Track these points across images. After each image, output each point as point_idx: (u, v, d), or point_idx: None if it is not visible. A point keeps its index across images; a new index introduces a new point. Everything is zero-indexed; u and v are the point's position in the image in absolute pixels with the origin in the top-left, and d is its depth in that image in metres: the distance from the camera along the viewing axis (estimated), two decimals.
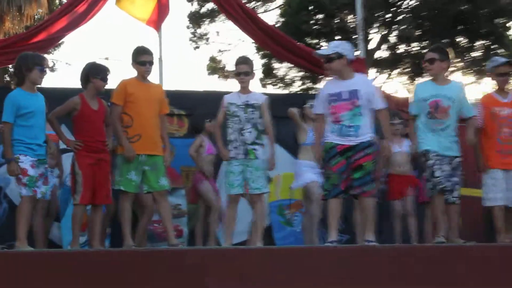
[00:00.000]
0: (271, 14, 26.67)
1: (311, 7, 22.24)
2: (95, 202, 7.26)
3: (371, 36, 22.73)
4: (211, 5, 24.79)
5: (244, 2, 19.55)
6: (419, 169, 8.54)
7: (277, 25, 22.74)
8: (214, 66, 27.01)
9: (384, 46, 23.71)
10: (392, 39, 23.49)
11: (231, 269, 5.70)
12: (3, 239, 7.46)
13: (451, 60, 7.64)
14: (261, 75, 24.37)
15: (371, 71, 22.12)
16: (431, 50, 7.73)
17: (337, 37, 22.10)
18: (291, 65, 22.25)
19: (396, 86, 25.36)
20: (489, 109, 7.90)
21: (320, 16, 22.49)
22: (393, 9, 22.45)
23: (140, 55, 7.43)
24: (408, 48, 23.05)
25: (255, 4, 25.64)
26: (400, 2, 22.90)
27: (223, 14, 16.66)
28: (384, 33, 23.23)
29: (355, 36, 13.75)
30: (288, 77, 25.83)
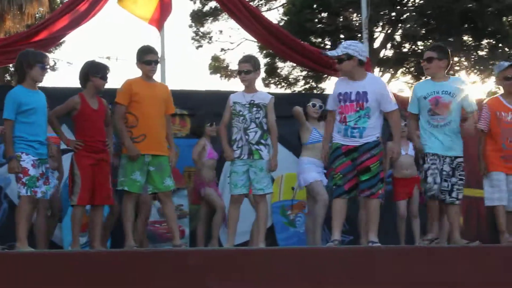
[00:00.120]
0: (274, 13, 26.74)
1: (315, 5, 22.24)
2: (95, 202, 7.25)
3: (376, 34, 22.77)
4: (213, 4, 24.81)
5: (247, 0, 19.56)
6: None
7: (280, 24, 22.76)
8: (217, 65, 27.03)
9: (389, 45, 23.72)
10: (397, 37, 23.51)
11: (233, 270, 5.72)
12: (4, 239, 7.47)
13: (450, 58, 7.61)
14: (264, 75, 24.39)
15: (376, 70, 22.11)
16: (429, 49, 7.77)
17: (341, 35, 22.17)
18: (294, 64, 22.29)
19: (401, 85, 25.40)
20: (494, 113, 7.90)
21: (325, 14, 22.49)
22: (398, 7, 22.42)
23: (145, 54, 7.42)
24: (414, 46, 23.04)
25: (258, 2, 25.65)
26: (406, 0, 22.91)
27: (226, 13, 16.68)
28: (389, 31, 23.24)
29: (359, 35, 13.77)
30: (291, 76, 25.86)
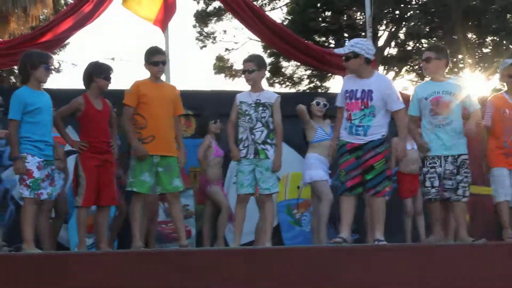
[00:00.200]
0: (278, 12, 26.73)
1: (319, 4, 22.24)
2: (100, 203, 7.26)
3: (380, 33, 22.75)
4: (217, 4, 24.82)
5: (251, 0, 19.58)
6: None
7: (284, 23, 22.76)
8: (221, 65, 27.05)
9: (393, 43, 23.71)
10: (401, 35, 23.50)
11: (240, 270, 5.73)
12: (11, 241, 7.50)
13: (449, 57, 7.61)
14: (268, 74, 24.39)
15: (380, 68, 22.09)
16: (427, 49, 7.81)
17: (345, 34, 22.17)
18: (298, 63, 22.30)
19: (405, 83, 25.38)
20: (498, 110, 7.91)
21: (328, 13, 22.49)
22: (402, 5, 22.42)
23: (153, 55, 7.42)
24: (418, 44, 23.03)
25: (262, 2, 25.65)
26: None
27: (230, 13, 16.69)
28: (393, 29, 23.23)
29: (363, 33, 13.76)
30: (296, 75, 25.87)
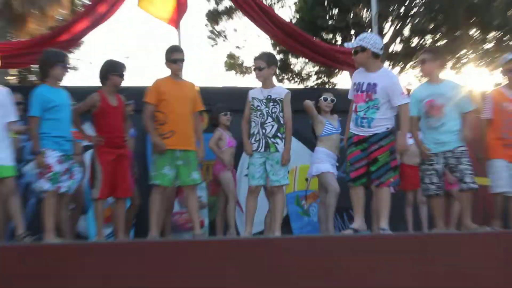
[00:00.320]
0: (287, 10, 26.73)
1: (326, 2, 22.20)
2: (117, 195, 7.34)
3: (385, 30, 22.68)
4: (228, 3, 24.84)
5: None
6: None
7: (293, 21, 22.75)
8: (232, 62, 27.05)
9: (398, 40, 23.66)
10: (406, 32, 23.45)
11: (251, 258, 5.76)
12: (33, 231, 7.58)
13: (443, 58, 7.66)
14: (277, 71, 24.35)
15: (386, 64, 22.08)
16: (423, 51, 7.80)
17: (352, 31, 22.15)
18: (306, 60, 22.29)
19: (410, 78, 25.32)
20: (498, 103, 7.96)
21: (335, 11, 22.44)
22: (407, 3, 22.37)
23: (172, 53, 7.48)
24: (422, 41, 22.98)
25: (271, 0, 25.63)
26: None
27: (240, 11, 16.71)
28: (398, 26, 23.19)
29: (369, 30, 13.78)
30: (304, 72, 25.84)
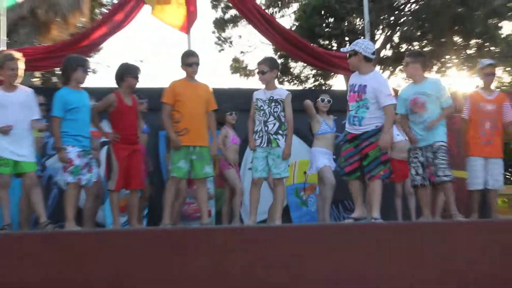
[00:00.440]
0: (287, 19, 26.71)
1: (323, 12, 22.18)
2: (131, 187, 7.33)
3: (377, 37, 22.68)
4: (234, 12, 24.82)
5: (263, 8, 19.55)
6: None
7: (292, 28, 22.73)
8: (237, 66, 27.06)
9: (389, 46, 23.65)
10: (396, 39, 23.44)
11: (254, 244, 5.75)
12: (55, 220, 7.57)
13: (424, 60, 7.63)
14: (278, 73, 24.32)
15: (377, 68, 22.05)
16: (405, 56, 7.80)
17: (346, 38, 22.14)
18: (305, 64, 22.27)
19: (399, 81, 25.32)
20: (475, 104, 8.03)
21: (331, 19, 22.42)
22: (396, 12, 22.38)
23: (188, 57, 7.46)
24: (410, 47, 22.96)
25: (273, 10, 25.62)
26: (403, 6, 22.84)
27: (245, 20, 16.69)
28: (388, 34, 23.17)
29: (362, 37, 13.75)
30: (302, 74, 25.84)
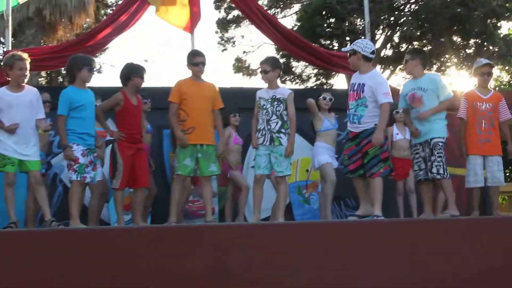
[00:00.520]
0: (289, 19, 26.68)
1: (324, 12, 22.16)
2: (135, 185, 7.30)
3: (377, 36, 22.66)
4: (236, 12, 24.80)
5: (265, 9, 19.51)
6: None
7: (294, 28, 22.71)
8: (240, 65, 27.06)
9: (389, 45, 23.62)
10: (396, 39, 23.40)
11: (257, 242, 5.74)
12: (60, 217, 7.56)
13: (423, 57, 7.59)
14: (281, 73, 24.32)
15: (378, 67, 22.04)
16: (406, 53, 7.78)
17: (347, 38, 22.11)
18: (306, 63, 22.24)
19: (399, 80, 25.32)
20: (471, 103, 8.02)
21: (332, 19, 22.39)
22: (396, 12, 22.33)
23: (194, 57, 7.43)
24: (410, 46, 22.94)
25: (275, 10, 25.61)
26: (403, 7, 22.81)
27: (247, 20, 16.66)
28: (388, 33, 23.14)
29: (363, 37, 13.71)
30: (304, 74, 25.82)
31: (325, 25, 22.20)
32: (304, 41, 10.91)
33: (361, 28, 21.23)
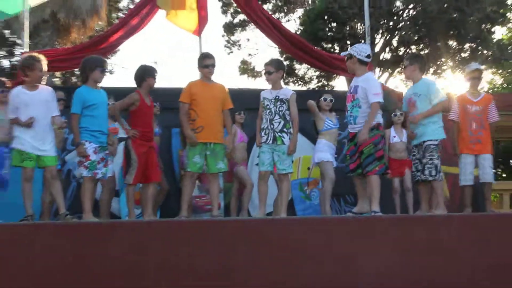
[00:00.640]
0: (292, 23, 26.69)
1: (326, 17, 22.15)
2: (147, 181, 7.32)
3: (376, 40, 22.62)
4: (242, 17, 24.80)
5: (270, 13, 19.51)
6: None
7: (297, 32, 22.69)
8: (245, 67, 27.05)
9: (388, 49, 23.59)
10: (394, 43, 23.38)
11: (260, 235, 5.76)
12: (74, 211, 7.60)
13: (420, 62, 7.60)
14: (284, 74, 24.26)
15: (377, 70, 22.04)
16: (404, 59, 7.83)
17: (348, 42, 22.08)
18: (309, 66, 22.23)
19: (397, 82, 25.31)
20: (462, 106, 8.10)
21: (334, 24, 22.38)
22: (395, 17, 22.31)
23: (204, 59, 7.48)
24: (408, 50, 22.92)
25: (279, 15, 25.59)
26: (401, 12, 22.78)
27: (253, 24, 16.67)
28: (387, 38, 23.11)
29: (363, 41, 13.72)
30: (307, 76, 25.81)
31: (327, 29, 22.17)
32: (307, 44, 10.91)
33: (361, 32, 21.22)
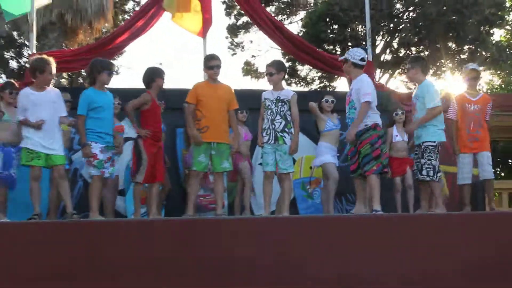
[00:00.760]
0: (295, 25, 26.65)
1: (328, 19, 22.13)
2: (156, 180, 7.32)
3: (377, 42, 22.61)
4: (245, 19, 24.79)
5: (273, 15, 19.51)
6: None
7: (299, 34, 22.68)
8: (248, 68, 27.06)
9: (388, 51, 23.57)
10: (395, 44, 23.36)
11: (263, 234, 5.74)
12: (80, 210, 7.59)
13: (422, 64, 7.54)
14: (286, 76, 24.28)
15: (377, 71, 22.01)
16: (407, 62, 7.80)
17: (349, 43, 22.07)
18: (311, 67, 22.21)
19: (398, 83, 25.28)
20: (461, 105, 8.09)
21: (335, 26, 22.36)
22: (395, 20, 22.30)
23: (210, 60, 7.47)
24: (408, 52, 22.89)
25: (282, 17, 25.58)
26: (402, 14, 22.76)
27: (256, 26, 16.65)
28: (388, 39, 23.09)
29: (364, 43, 13.70)
30: (309, 77, 25.79)
31: (328, 31, 22.17)
32: (309, 46, 10.91)
33: (362, 34, 21.21)
